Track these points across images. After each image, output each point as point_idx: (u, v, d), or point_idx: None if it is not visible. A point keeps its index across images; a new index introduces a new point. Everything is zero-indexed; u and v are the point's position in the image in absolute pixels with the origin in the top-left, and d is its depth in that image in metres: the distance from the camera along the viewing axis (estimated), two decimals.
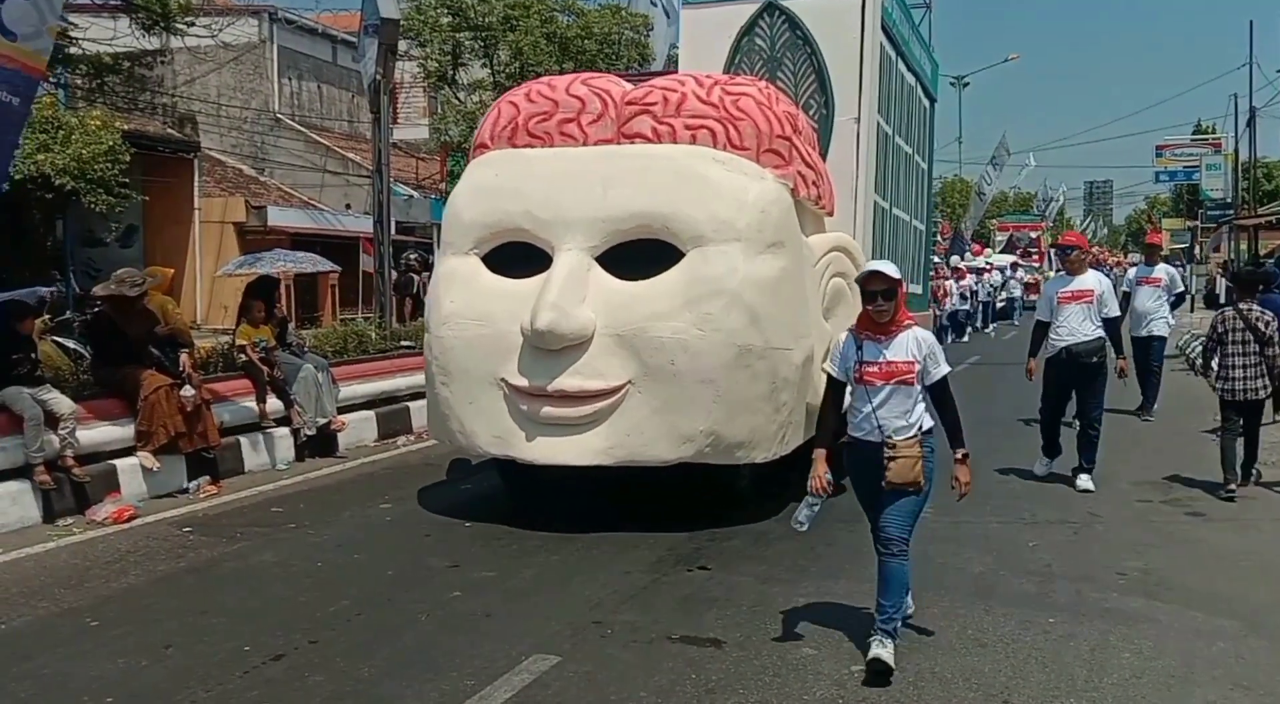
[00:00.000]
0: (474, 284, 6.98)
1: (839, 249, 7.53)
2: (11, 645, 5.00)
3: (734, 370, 6.50)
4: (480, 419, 6.86)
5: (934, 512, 7.18)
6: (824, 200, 7.44)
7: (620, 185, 6.75)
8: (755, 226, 6.67)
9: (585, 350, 6.60)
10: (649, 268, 6.66)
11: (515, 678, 4.52)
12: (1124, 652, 4.87)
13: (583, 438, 6.61)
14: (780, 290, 6.73)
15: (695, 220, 6.59)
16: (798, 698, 4.38)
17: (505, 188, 7.02)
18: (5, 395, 7.41)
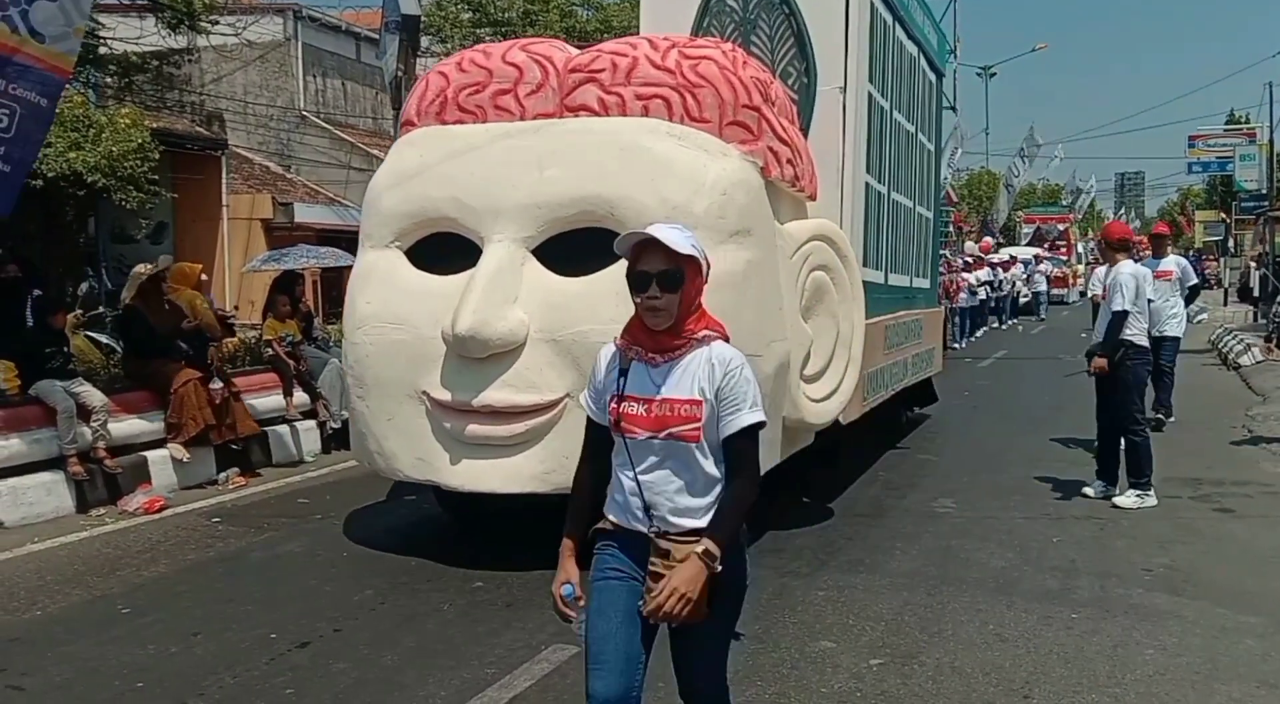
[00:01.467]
0: (393, 282, 5.84)
1: (821, 238, 6.27)
2: (47, 631, 5.05)
3: None
4: (400, 438, 5.72)
5: (956, 505, 7.31)
6: (802, 182, 6.17)
7: (558, 166, 5.64)
8: (715, 212, 5.53)
9: (516, 359, 5.54)
10: (593, 262, 5.52)
11: (535, 667, 4.48)
12: (1147, 648, 4.72)
13: (514, 461, 5.53)
14: (746, 287, 5.61)
15: (643, 205, 5.51)
16: (815, 690, 4.28)
17: (429, 171, 5.88)
18: (39, 388, 7.53)
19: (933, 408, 11.65)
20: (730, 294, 5.55)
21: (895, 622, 5.07)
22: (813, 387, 6.27)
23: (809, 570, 5.86)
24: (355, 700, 4.23)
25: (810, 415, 6.18)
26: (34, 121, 7.08)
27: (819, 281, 6.33)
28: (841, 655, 4.63)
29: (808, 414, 6.16)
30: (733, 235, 5.62)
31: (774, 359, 5.76)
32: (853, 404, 6.98)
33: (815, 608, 5.23)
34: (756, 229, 5.76)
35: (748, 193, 5.75)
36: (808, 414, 6.16)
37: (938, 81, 10.25)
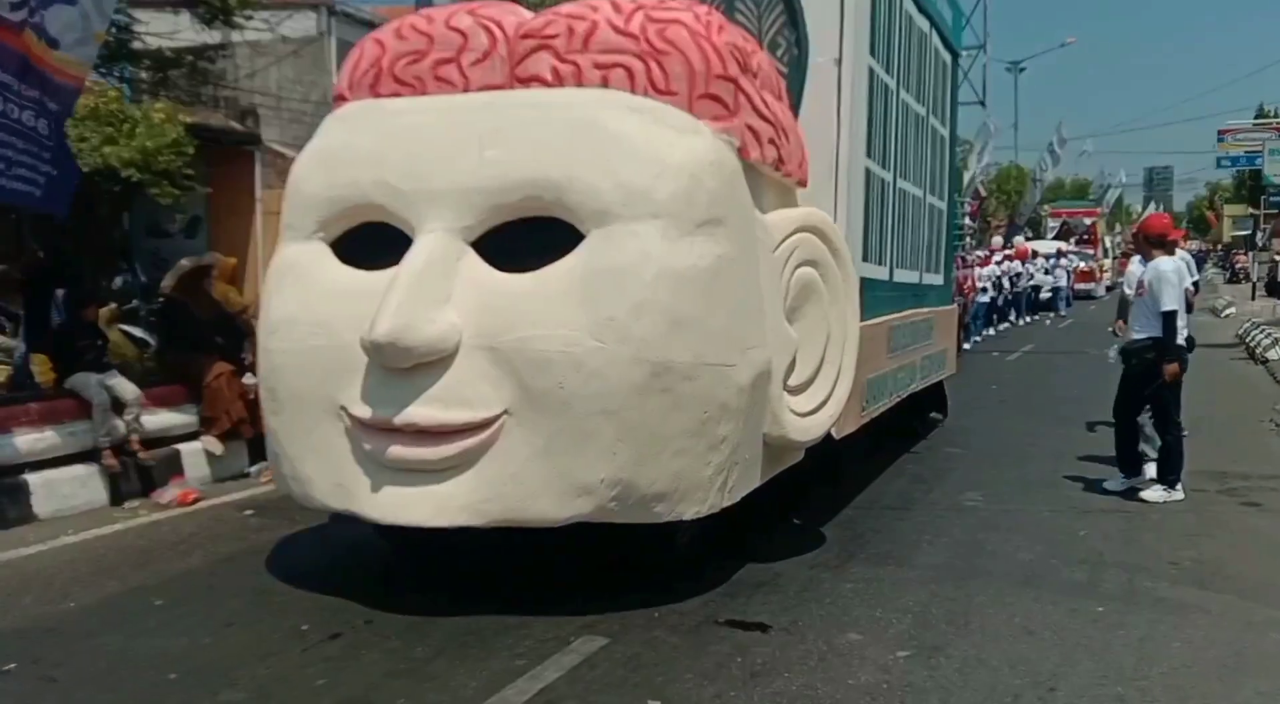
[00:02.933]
0: (314, 280, 4.97)
1: (808, 230, 5.31)
2: (81, 622, 4.98)
3: (647, 396, 4.48)
4: (316, 461, 4.87)
5: (984, 498, 7.28)
6: (789, 165, 5.19)
7: (501, 145, 4.73)
8: (681, 198, 4.60)
9: (446, 369, 4.64)
10: (540, 256, 4.68)
11: (564, 658, 4.40)
12: (1174, 641, 4.66)
13: (442, 489, 4.66)
14: (716, 285, 4.71)
15: (597, 190, 4.64)
16: (842, 682, 4.21)
17: (358, 151, 4.97)
18: (74, 381, 7.48)
19: (960, 402, 11.35)
20: (697, 294, 4.64)
21: (922, 614, 4.99)
22: (798, 398, 5.30)
23: (837, 563, 5.78)
24: (386, 691, 4.13)
25: (795, 432, 5.20)
26: (60, 128, 7.06)
27: (806, 279, 5.36)
28: (869, 647, 4.56)
29: (792, 430, 5.19)
30: (701, 225, 4.69)
31: (751, 369, 4.83)
32: (847, 416, 5.99)
33: (843, 600, 5.16)
34: (731, 219, 4.81)
35: (720, 176, 4.80)
36: (792, 430, 5.19)
37: (953, 62, 9.20)
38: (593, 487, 4.54)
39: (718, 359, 4.72)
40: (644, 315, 4.52)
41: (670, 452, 4.63)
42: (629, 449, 4.54)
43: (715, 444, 4.76)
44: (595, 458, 4.52)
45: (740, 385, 4.81)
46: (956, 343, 16.01)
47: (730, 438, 4.81)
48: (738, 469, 4.93)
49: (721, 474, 4.83)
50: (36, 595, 5.36)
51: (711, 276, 4.71)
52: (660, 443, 4.60)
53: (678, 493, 4.70)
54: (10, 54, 6.47)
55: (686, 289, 4.63)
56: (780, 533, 6.23)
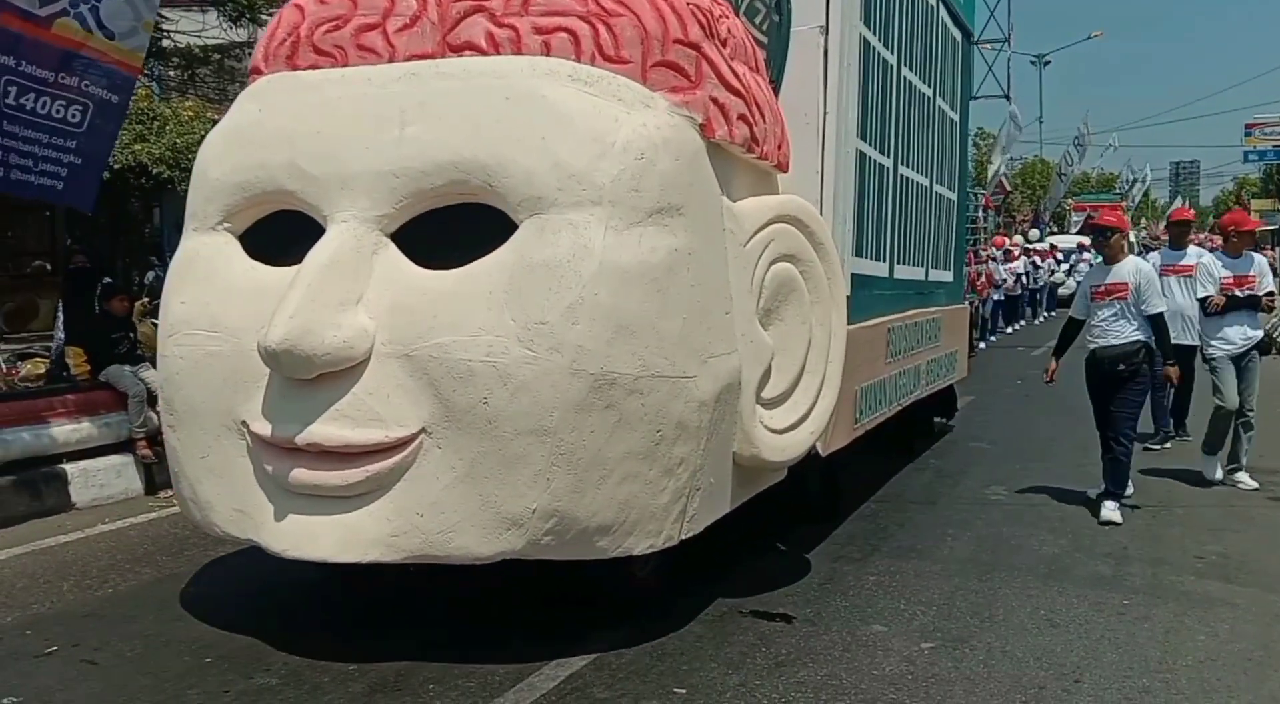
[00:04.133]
0: (216, 276, 4.27)
1: (787, 220, 4.56)
2: (119, 607, 5.01)
3: (586, 413, 3.79)
4: (216, 483, 4.16)
5: (1007, 492, 7.22)
6: (764, 146, 4.42)
7: (424, 121, 4.01)
8: (627, 182, 3.91)
9: (355, 381, 3.96)
10: (469, 250, 3.97)
11: (591, 646, 4.29)
12: (1199, 634, 4.59)
13: (351, 519, 3.96)
14: (671, 284, 3.99)
15: (529, 173, 3.94)
16: (867, 673, 4.14)
17: (268, 131, 4.28)
18: (109, 373, 7.67)
19: (984, 396, 11.16)
20: (647, 294, 3.91)
21: (946, 606, 4.94)
22: (774, 413, 4.55)
23: (860, 556, 5.72)
24: (418, 676, 4.05)
25: (770, 451, 4.47)
26: (104, 117, 7.19)
27: (783, 276, 4.62)
28: (893, 639, 4.51)
29: (766, 449, 4.46)
30: (653, 214, 3.96)
31: (714, 380, 4.09)
32: (836, 430, 5.24)
33: (867, 592, 5.11)
34: (690, 206, 4.07)
35: (677, 157, 4.06)
36: (766, 449, 4.46)
37: (965, 42, 8.38)
38: (523, 518, 3.82)
39: (673, 370, 3.98)
40: (582, 319, 3.80)
41: (615, 478, 3.91)
42: (565, 475, 3.82)
43: (670, 468, 4.03)
44: (525, 485, 3.81)
45: (700, 400, 4.07)
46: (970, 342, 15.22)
47: (689, 460, 4.08)
48: (699, 496, 4.20)
49: (679, 502, 4.10)
50: (75, 581, 5.43)
51: (665, 273, 3.97)
52: (603, 467, 3.88)
53: (625, 524, 3.98)
54: (43, 48, 6.70)
55: (634, 288, 3.90)
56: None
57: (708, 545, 4.61)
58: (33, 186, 6.98)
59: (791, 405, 4.73)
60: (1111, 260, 6.54)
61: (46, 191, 7.07)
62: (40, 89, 6.81)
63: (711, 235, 4.26)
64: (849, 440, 5.63)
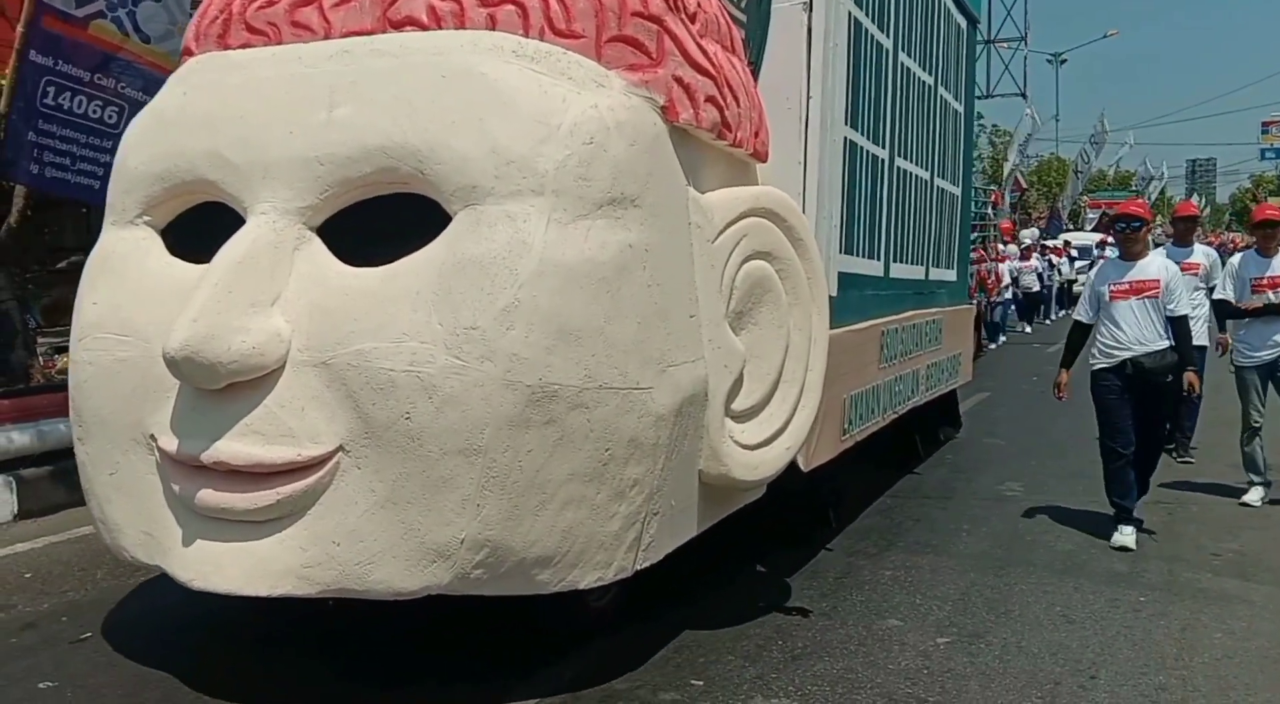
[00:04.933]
0: (130, 275, 3.82)
1: (762, 213, 4.03)
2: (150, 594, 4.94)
3: (522, 430, 3.31)
4: (125, 502, 3.71)
5: (1024, 489, 7.15)
6: (738, 132, 3.90)
7: (353, 102, 3.52)
8: (574, 170, 3.39)
9: (268, 392, 3.47)
10: (403, 246, 3.47)
11: (611, 637, 4.22)
12: (1216, 631, 4.53)
13: (262, 547, 3.50)
14: (623, 284, 3.50)
15: (464, 159, 3.44)
16: (883, 666, 4.10)
17: (191, 116, 3.82)
18: None
19: (998, 394, 11.00)
20: (594, 295, 3.40)
21: (962, 602, 4.89)
22: (746, 426, 4.03)
23: (876, 551, 5.68)
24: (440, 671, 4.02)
25: (741, 469, 3.95)
26: None
27: (757, 276, 4.10)
28: (909, 633, 4.48)
29: (737, 467, 3.94)
30: (604, 206, 3.46)
31: (673, 391, 3.59)
32: (820, 442, 4.72)
33: (883, 587, 5.07)
34: (648, 197, 3.56)
35: (633, 142, 3.55)
36: (737, 467, 3.94)
37: (969, 28, 7.81)
38: (450, 549, 3.32)
39: (624, 381, 3.47)
40: (518, 324, 3.29)
41: (556, 503, 3.40)
42: (498, 500, 3.32)
43: (621, 491, 3.52)
44: (453, 512, 3.31)
45: (657, 413, 3.56)
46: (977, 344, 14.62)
47: (644, 482, 3.57)
48: (657, 521, 3.69)
49: (632, 528, 3.59)
50: (109, 569, 5.39)
51: (616, 272, 3.47)
52: (542, 492, 3.37)
53: (569, 555, 3.48)
54: (81, 48, 6.75)
55: (579, 289, 3.40)
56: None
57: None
58: (70, 185, 7.01)
59: (766, 418, 4.21)
60: (1136, 255, 5.88)
61: (83, 191, 7.04)
62: (77, 89, 6.92)
63: (673, 230, 3.75)
64: (836, 453, 5.11)
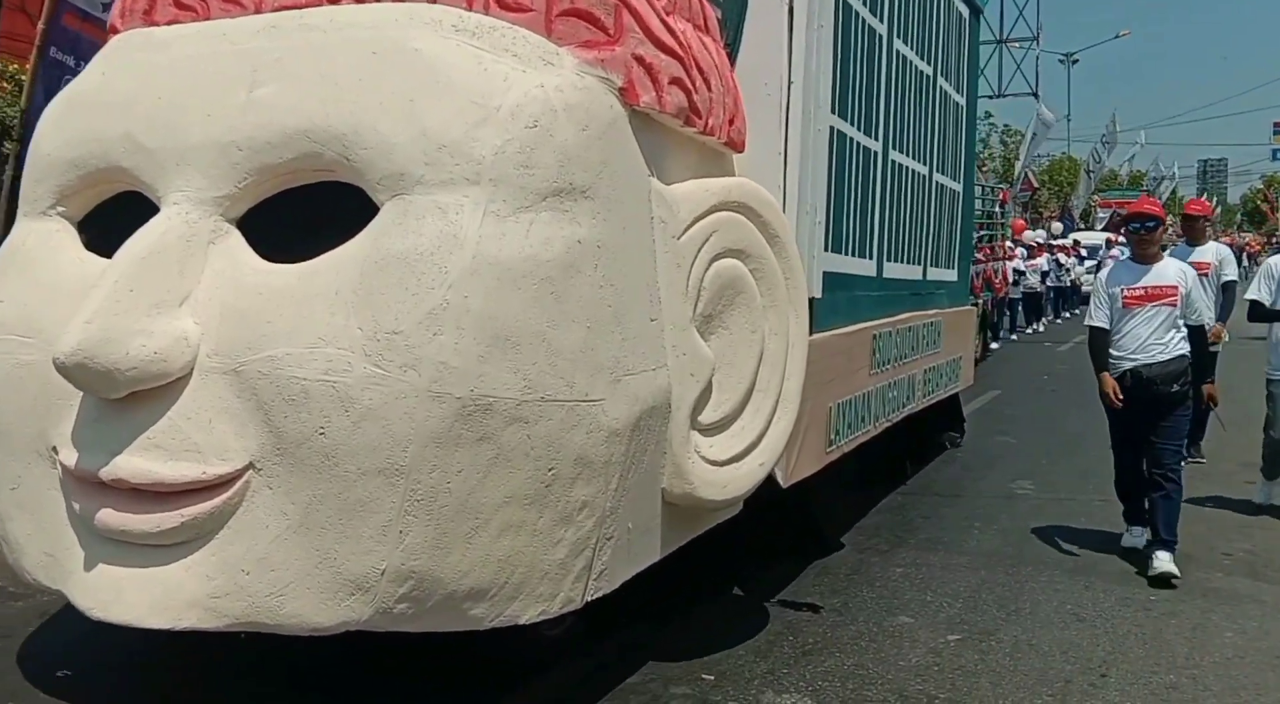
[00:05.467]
0: (41, 270, 3.48)
1: (733, 207, 3.60)
2: None
3: (450, 448, 2.93)
4: (26, 519, 3.38)
5: (1035, 487, 7.08)
6: (709, 119, 3.48)
7: (276, 81, 3.10)
8: (514, 157, 3.00)
9: (172, 402, 3.05)
10: (317, 239, 3.07)
11: (620, 635, 4.14)
12: (1227, 631, 4.48)
13: (166, 573, 3.12)
14: (571, 285, 3.11)
15: (391, 143, 3.05)
16: (893, 663, 4.07)
17: (109, 97, 3.50)
18: None
19: (1010, 391, 10.91)
20: (537, 297, 2.98)
21: (973, 599, 4.84)
22: (715, 440, 3.61)
23: (886, 547, 5.64)
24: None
25: (708, 487, 3.53)
26: None
27: (729, 275, 3.67)
28: (919, 630, 4.44)
29: (704, 485, 3.52)
30: (549, 197, 3.03)
31: (630, 403, 3.18)
32: (802, 455, 4.30)
33: (893, 584, 5.03)
34: (601, 188, 3.14)
35: (584, 127, 3.12)
36: (704, 485, 3.52)
37: (973, 18, 7.33)
38: (369, 581, 2.91)
39: (570, 392, 3.05)
40: (446, 328, 2.87)
41: (492, 529, 2.99)
42: (423, 527, 2.90)
43: (567, 515, 3.10)
44: (372, 539, 2.89)
45: (610, 428, 3.14)
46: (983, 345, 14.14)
47: (594, 504, 3.16)
48: (611, 546, 3.27)
49: (581, 556, 3.18)
50: None
51: (562, 271, 3.05)
52: (474, 517, 2.96)
53: (507, 587, 3.06)
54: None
55: (518, 289, 2.98)
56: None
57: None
58: None
59: (738, 431, 3.79)
60: (1151, 258, 5.41)
61: None
62: None
63: (632, 225, 3.33)
64: (820, 466, 4.68)
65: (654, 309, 3.39)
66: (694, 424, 3.59)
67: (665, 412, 3.41)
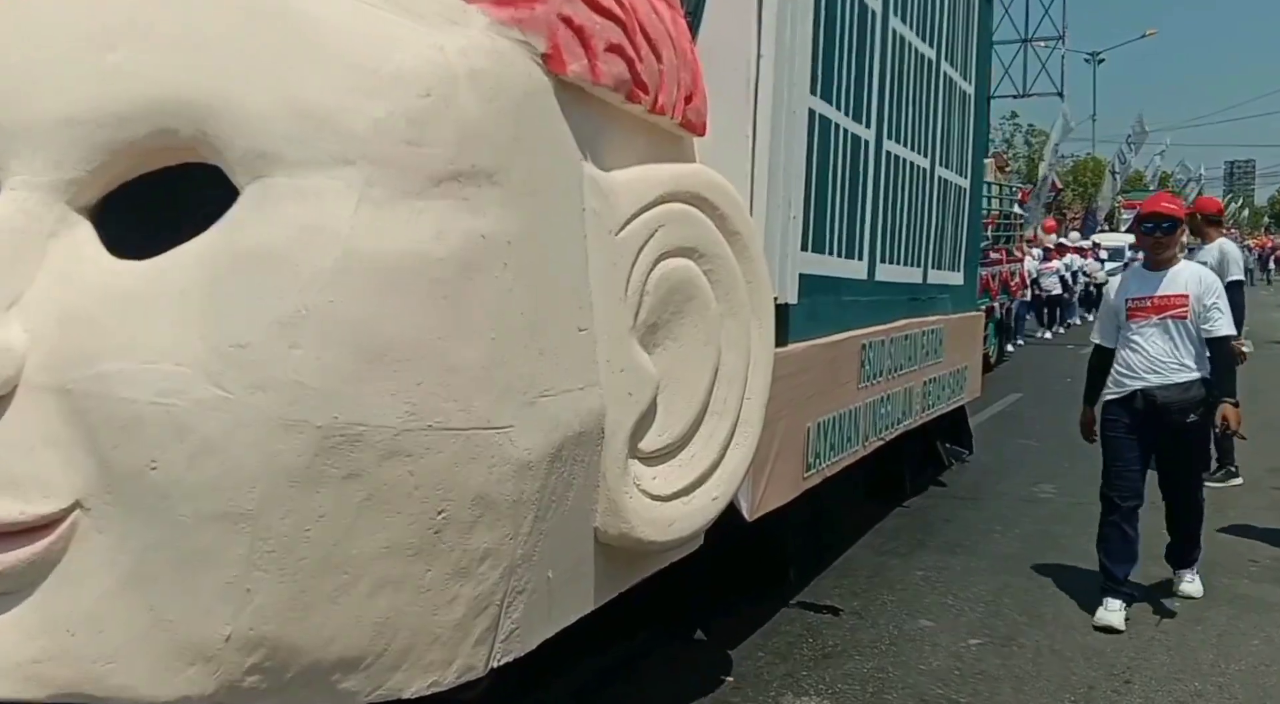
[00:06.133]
0: None
1: (685, 199, 2.98)
2: None
3: (310, 488, 2.34)
4: None
5: (1056, 490, 6.92)
6: (658, 96, 2.90)
7: (131, 44, 2.46)
8: (402, 131, 2.49)
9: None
10: (172, 230, 2.50)
11: (640, 635, 4.03)
12: (1253, 639, 4.36)
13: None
14: (471, 288, 2.53)
15: (253, 116, 2.47)
16: (914, 667, 4.04)
17: None
18: None
19: (1032, 394, 10.74)
20: (426, 302, 2.43)
21: (994, 603, 4.78)
22: (659, 470, 3.02)
23: (906, 551, 5.55)
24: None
25: (649, 527, 2.95)
26: None
27: (678, 278, 3.06)
28: (940, 634, 4.37)
29: (644, 524, 2.93)
30: (445, 182, 2.46)
31: (549, 430, 2.62)
32: (773, 483, 3.70)
33: (914, 587, 4.98)
34: (514, 172, 2.55)
35: (492, 99, 2.53)
36: (644, 524, 2.93)
37: (984, 3, 6.64)
38: (212, 648, 2.33)
39: (468, 418, 2.46)
40: (305, 339, 2.29)
41: (365, 586, 2.40)
42: (277, 584, 2.32)
43: (465, 566, 2.51)
44: (214, 597, 2.32)
45: (521, 460, 2.55)
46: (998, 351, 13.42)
47: (500, 552, 2.56)
48: (525, 600, 2.68)
49: (484, 615, 2.59)
50: None
51: (459, 271, 2.46)
52: (342, 571, 2.37)
53: (387, 655, 2.47)
54: None
55: (400, 291, 2.39)
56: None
57: None
58: None
59: (688, 460, 3.18)
60: (1164, 264, 4.74)
61: None
62: None
63: (555, 217, 2.73)
64: (797, 493, 4.06)
65: (583, 317, 2.80)
66: (634, 452, 2.99)
67: (597, 438, 2.82)
